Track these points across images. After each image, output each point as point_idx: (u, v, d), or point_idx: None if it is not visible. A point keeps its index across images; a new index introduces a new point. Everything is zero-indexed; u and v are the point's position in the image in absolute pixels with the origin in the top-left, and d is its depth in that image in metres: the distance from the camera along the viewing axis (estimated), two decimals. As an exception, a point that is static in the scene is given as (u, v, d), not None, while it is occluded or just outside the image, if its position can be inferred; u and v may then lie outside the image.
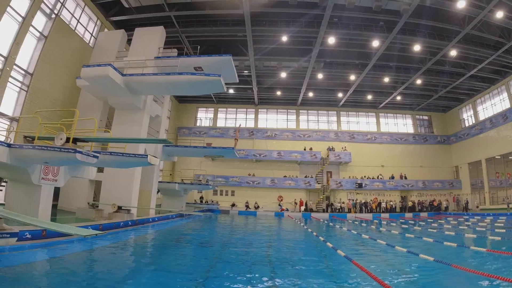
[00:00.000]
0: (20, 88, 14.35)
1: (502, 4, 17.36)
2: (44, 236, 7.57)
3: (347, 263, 6.84)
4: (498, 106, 28.48)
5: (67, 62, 17.00)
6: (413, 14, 18.39)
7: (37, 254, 6.79)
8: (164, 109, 19.58)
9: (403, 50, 23.38)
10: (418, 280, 5.78)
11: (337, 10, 18.61)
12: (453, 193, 33.19)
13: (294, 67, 26.47)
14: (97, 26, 19.58)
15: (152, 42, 16.93)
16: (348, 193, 33.27)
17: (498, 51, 22.09)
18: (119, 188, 14.64)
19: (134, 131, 15.15)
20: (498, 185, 28.33)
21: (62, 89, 16.78)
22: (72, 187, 15.21)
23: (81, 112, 14.11)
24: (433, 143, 36.00)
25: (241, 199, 32.42)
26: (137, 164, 11.41)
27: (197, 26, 21.38)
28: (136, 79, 13.93)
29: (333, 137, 35.46)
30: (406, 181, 33.66)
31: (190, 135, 34.02)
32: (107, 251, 8.16)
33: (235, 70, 16.00)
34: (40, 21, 15.21)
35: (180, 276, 5.71)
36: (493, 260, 7.71)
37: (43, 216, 8.94)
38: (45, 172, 9.01)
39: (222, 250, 9.08)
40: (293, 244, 11.31)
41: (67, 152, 7.57)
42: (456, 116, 34.91)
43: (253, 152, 33.54)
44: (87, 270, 6.15)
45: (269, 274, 5.95)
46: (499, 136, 28.05)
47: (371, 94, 32.44)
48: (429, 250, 8.76)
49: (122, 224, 12.04)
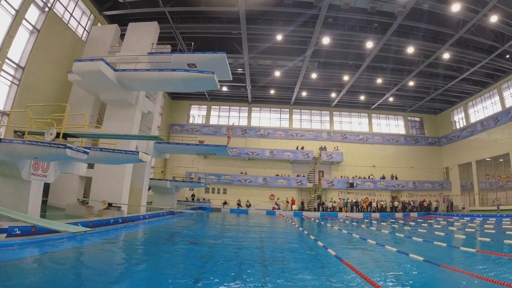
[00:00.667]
0: (12, 82, 14.13)
1: (497, 9, 17.59)
2: (33, 232, 7.46)
3: (337, 262, 6.88)
4: (490, 109, 28.92)
5: (59, 56, 16.78)
6: (407, 17, 18.55)
7: (26, 250, 6.69)
8: (157, 106, 19.45)
9: (396, 52, 23.59)
10: (407, 279, 5.84)
11: (332, 11, 18.71)
12: (443, 194, 33.65)
13: (288, 67, 26.52)
14: (90, 20, 19.35)
15: (146, 37, 16.78)
16: (340, 192, 33.54)
17: (491, 55, 22.42)
18: (109, 184, 14.50)
19: (125, 127, 15.00)
20: (488, 187, 28.78)
21: (53, 84, 16.56)
22: (62, 183, 15.04)
23: (72, 107, 14.00)
24: (424, 145, 36.43)
25: (233, 197, 32.44)
26: (128, 160, 11.30)
27: (191, 22, 21.25)
28: (128, 75, 13.78)
29: (325, 137, 35.67)
30: (397, 181, 34.02)
31: (182, 132, 33.95)
32: (97, 248, 8.08)
33: (229, 67, 15.95)
34: (33, 14, 14.97)
35: (171, 274, 5.68)
36: (482, 260, 7.82)
37: (32, 212, 8.82)
38: (35, 168, 8.88)
39: (213, 248, 9.06)
40: (284, 242, 11.33)
41: (57, 147, 7.49)
42: (447, 118, 35.37)
43: (245, 151, 33.55)
44: (77, 267, 6.09)
45: (260, 273, 5.96)
46: (490, 139, 28.48)
47: (364, 95, 32.66)
48: (419, 250, 8.84)
49: (113, 221, 11.91)
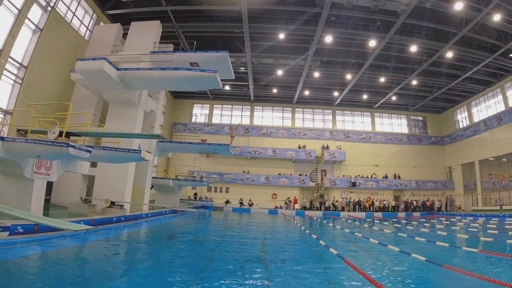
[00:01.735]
0: (15, 81, 14.19)
1: (500, 7, 17.46)
2: (36, 230, 7.49)
3: (339, 262, 6.87)
4: (493, 108, 28.77)
5: (62, 56, 16.81)
6: (410, 15, 18.46)
7: (29, 248, 6.72)
8: (159, 105, 19.48)
9: (399, 50, 23.48)
10: (409, 279, 5.81)
11: (335, 9, 18.65)
12: (446, 194, 33.51)
13: (291, 65, 26.46)
14: (93, 19, 19.38)
15: (148, 36, 16.77)
16: (342, 191, 33.49)
17: (494, 54, 22.27)
18: (112, 183, 14.54)
19: (128, 126, 15.02)
20: (491, 187, 28.64)
21: (56, 83, 16.60)
22: (65, 182, 15.08)
23: (75, 106, 14.02)
24: (427, 144, 36.30)
25: (235, 196, 32.46)
26: (130, 159, 11.33)
27: (193, 21, 21.26)
28: (131, 74, 13.79)
29: (328, 136, 35.62)
30: (400, 180, 33.93)
31: (185, 131, 33.96)
32: (99, 246, 8.11)
33: (231, 66, 15.93)
34: (36, 14, 15.01)
35: (174, 272, 5.69)
36: (485, 261, 7.79)
37: (35, 211, 8.87)
38: (38, 166, 8.92)
39: (216, 247, 9.07)
40: (286, 241, 11.34)
41: (60, 146, 7.51)
42: (450, 118, 35.21)
43: (248, 149, 33.57)
44: (79, 265, 6.11)
45: (262, 272, 5.96)
46: (493, 138, 28.34)
47: (366, 93, 32.56)
48: (421, 250, 8.82)
49: (115, 220, 11.96)
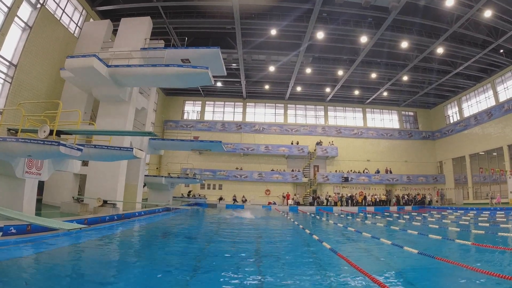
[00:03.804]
0: (4, 80, 13.95)
1: (491, 3, 17.67)
2: (29, 230, 7.41)
3: (332, 256, 6.92)
4: (483, 103, 29.18)
5: (52, 53, 16.56)
6: (401, 11, 18.59)
7: (22, 249, 6.65)
8: (150, 102, 19.32)
9: (391, 46, 23.64)
10: (401, 271, 5.89)
11: (327, 5, 18.66)
12: (437, 188, 33.97)
13: (283, 61, 26.45)
14: (82, 16, 19.10)
15: (139, 32, 16.58)
16: (335, 186, 33.73)
17: (485, 50, 22.56)
18: (104, 182, 14.39)
19: (119, 124, 14.86)
20: (481, 181, 29.12)
21: (46, 81, 16.35)
22: (57, 181, 14.94)
23: (65, 104, 13.84)
24: (418, 139, 36.71)
25: (228, 193, 32.50)
26: (122, 157, 11.23)
27: (185, 17, 21.08)
28: (121, 71, 13.62)
29: (320, 132, 35.77)
30: (391, 175, 34.28)
31: (177, 129, 33.84)
32: (93, 245, 8.05)
33: (223, 63, 15.83)
34: (25, 11, 14.74)
35: (167, 270, 5.68)
36: (476, 252, 7.92)
37: (27, 211, 8.76)
38: (29, 166, 8.80)
39: (209, 244, 9.06)
40: (280, 237, 11.37)
41: (51, 145, 7.40)
42: (441, 113, 35.63)
43: (240, 146, 33.55)
44: (73, 264, 6.06)
45: (256, 268, 5.97)
46: (484, 132, 28.76)
47: (358, 89, 32.75)
48: (413, 243, 8.93)
49: (108, 219, 11.88)
